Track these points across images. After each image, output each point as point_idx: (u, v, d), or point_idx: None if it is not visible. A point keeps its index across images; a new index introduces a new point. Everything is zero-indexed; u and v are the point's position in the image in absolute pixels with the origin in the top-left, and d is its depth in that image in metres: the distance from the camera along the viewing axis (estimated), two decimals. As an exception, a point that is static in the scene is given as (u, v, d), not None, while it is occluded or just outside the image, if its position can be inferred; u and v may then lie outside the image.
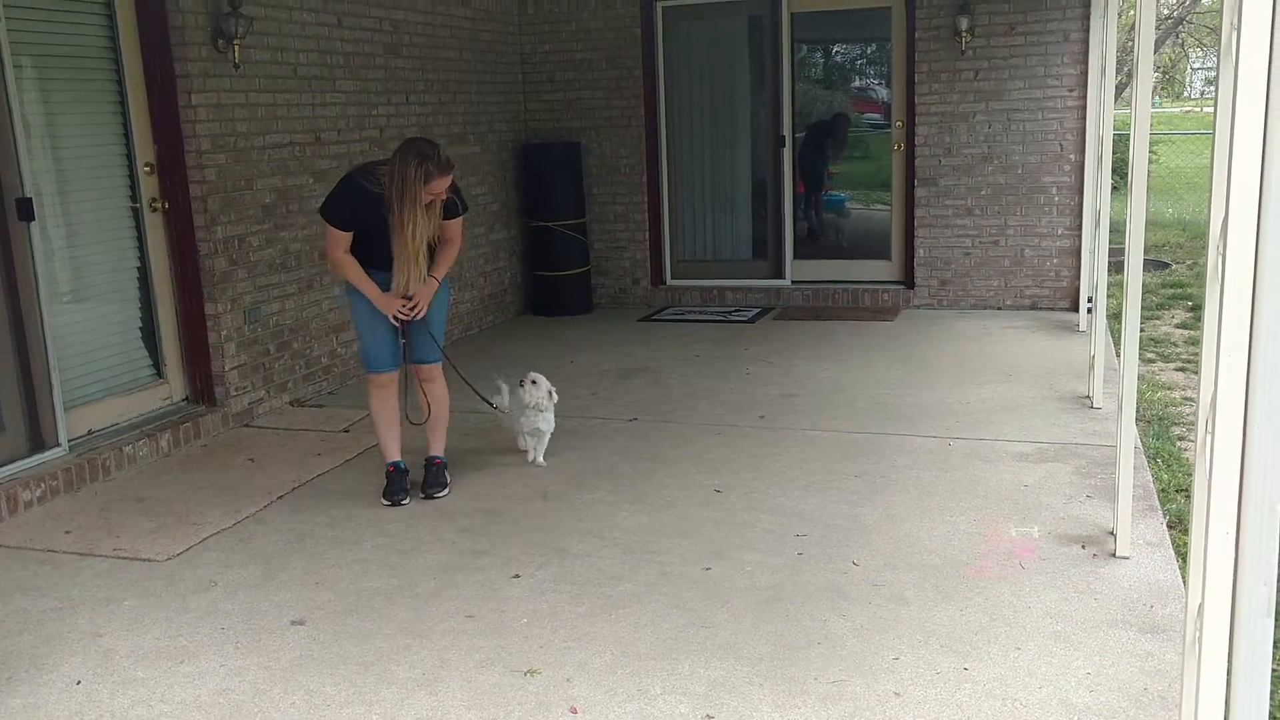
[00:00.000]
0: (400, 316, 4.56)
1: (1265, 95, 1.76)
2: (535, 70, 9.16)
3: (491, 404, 5.30)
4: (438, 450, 4.90)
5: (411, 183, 4.22)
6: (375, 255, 4.48)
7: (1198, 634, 2.08)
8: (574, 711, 3.01)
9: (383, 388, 4.74)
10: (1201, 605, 2.03)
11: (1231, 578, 1.96)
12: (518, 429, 5.20)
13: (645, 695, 3.08)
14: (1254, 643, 1.92)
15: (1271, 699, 2.18)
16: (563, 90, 9.13)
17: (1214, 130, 2.03)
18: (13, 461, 4.87)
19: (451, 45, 8.04)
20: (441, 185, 4.30)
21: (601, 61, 9.01)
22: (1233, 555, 1.95)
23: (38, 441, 5.01)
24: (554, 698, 3.09)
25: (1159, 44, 21.93)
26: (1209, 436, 2.00)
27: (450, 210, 4.52)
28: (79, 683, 3.27)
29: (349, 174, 4.56)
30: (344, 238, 4.46)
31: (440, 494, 4.78)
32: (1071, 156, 8.06)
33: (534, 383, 5.05)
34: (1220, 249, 1.91)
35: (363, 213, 4.41)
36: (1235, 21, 1.83)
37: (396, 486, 4.73)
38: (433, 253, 4.55)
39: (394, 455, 4.81)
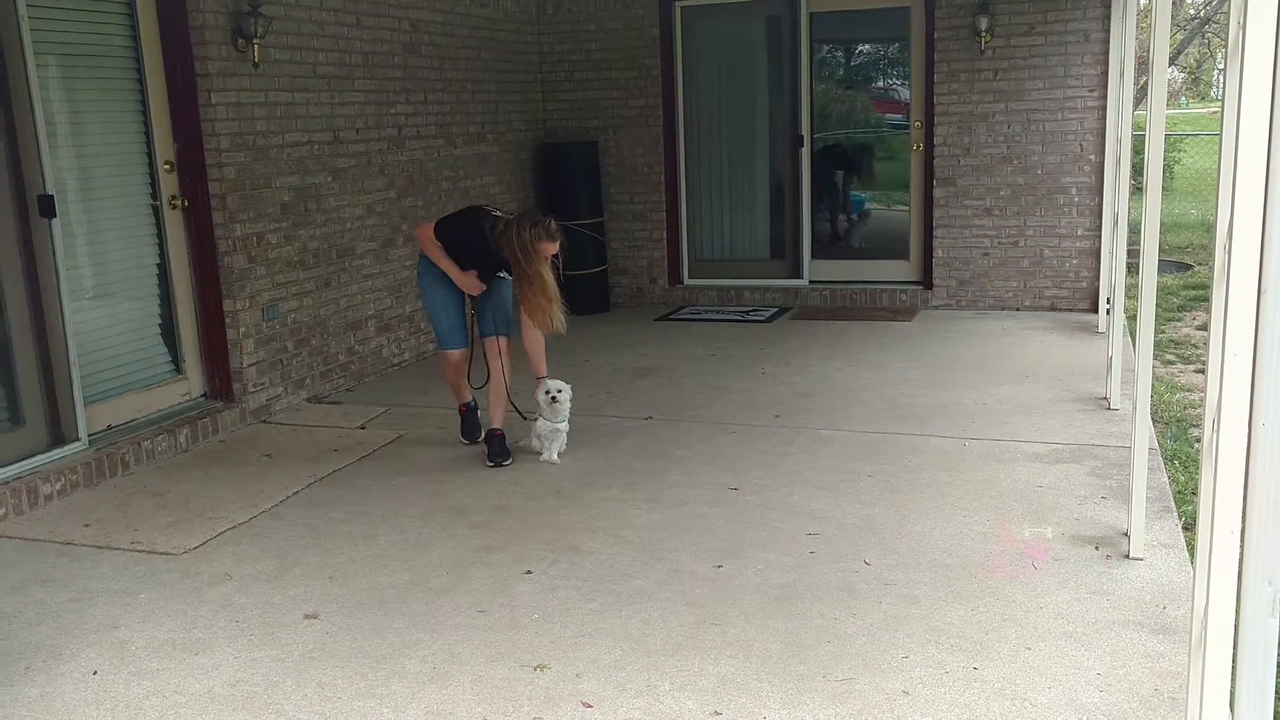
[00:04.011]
0: (473, 294, 5.21)
1: (1270, 94, 1.76)
2: (554, 70, 9.18)
3: (524, 415, 5.40)
4: (498, 423, 5.25)
5: (529, 243, 4.89)
6: (462, 262, 5.15)
7: (1203, 634, 2.07)
8: (588, 706, 3.03)
9: (455, 364, 5.32)
10: (1207, 605, 2.03)
11: (1236, 578, 1.96)
12: (534, 429, 5.24)
13: (654, 691, 3.10)
14: (1258, 643, 1.92)
15: (1277, 700, 2.17)
16: (581, 90, 9.15)
17: (1220, 130, 2.02)
18: (33, 455, 4.92)
19: (470, 45, 8.08)
20: (550, 250, 4.97)
21: (620, 61, 9.02)
22: (1237, 555, 1.95)
23: (58, 436, 5.07)
24: (563, 693, 3.10)
25: (1186, 43, 21.73)
26: (1215, 436, 2.00)
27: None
28: (95, 673, 3.31)
29: (474, 215, 5.17)
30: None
31: (507, 462, 5.15)
32: (1091, 157, 8.02)
33: (560, 392, 5.15)
34: (1227, 248, 1.90)
35: (470, 245, 5.07)
36: (1242, 20, 1.83)
37: (470, 425, 5.47)
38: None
39: (465, 397, 5.45)
